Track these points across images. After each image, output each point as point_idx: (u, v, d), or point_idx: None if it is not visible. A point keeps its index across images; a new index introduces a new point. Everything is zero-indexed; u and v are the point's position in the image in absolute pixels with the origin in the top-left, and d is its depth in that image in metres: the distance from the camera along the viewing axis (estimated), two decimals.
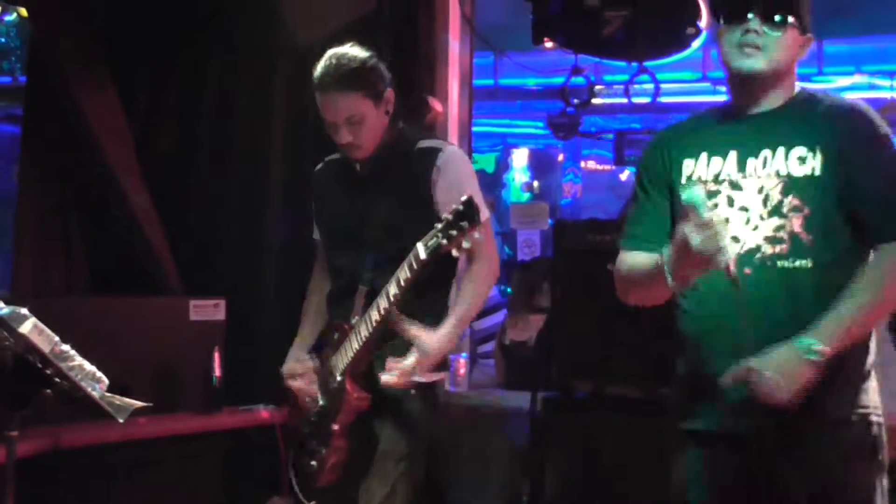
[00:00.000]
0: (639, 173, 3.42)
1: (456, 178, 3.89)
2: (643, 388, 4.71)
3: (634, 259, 3.30)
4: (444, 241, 3.40)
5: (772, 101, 3.16)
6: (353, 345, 3.81)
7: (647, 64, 6.21)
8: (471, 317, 3.96)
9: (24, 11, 7.36)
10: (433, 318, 3.85)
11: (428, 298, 3.87)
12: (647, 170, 3.37)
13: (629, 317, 3.95)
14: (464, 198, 3.40)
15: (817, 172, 3.04)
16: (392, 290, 3.63)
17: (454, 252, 3.46)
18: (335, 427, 3.89)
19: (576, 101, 7.32)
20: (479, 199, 3.85)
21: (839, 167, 3.04)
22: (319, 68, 3.88)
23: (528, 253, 9.92)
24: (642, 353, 4.68)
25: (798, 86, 3.22)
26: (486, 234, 3.85)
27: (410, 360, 3.73)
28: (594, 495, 4.94)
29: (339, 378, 3.87)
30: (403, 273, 3.57)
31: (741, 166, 3.13)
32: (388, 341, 3.81)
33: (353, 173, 4.01)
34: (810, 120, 3.12)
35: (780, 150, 3.09)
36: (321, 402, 3.99)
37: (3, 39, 9.20)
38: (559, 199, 12.27)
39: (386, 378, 3.75)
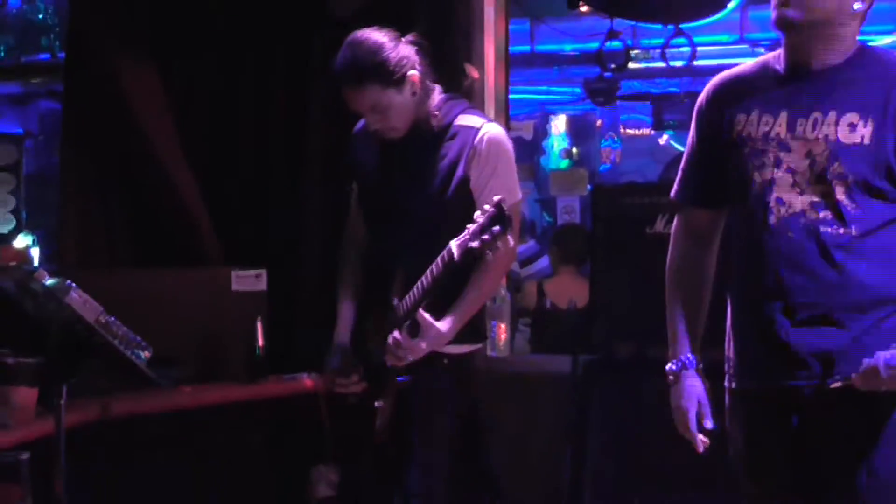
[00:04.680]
0: (694, 120, 3.33)
1: (490, 161, 3.88)
2: None
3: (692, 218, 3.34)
4: (476, 245, 3.43)
5: (826, 57, 3.04)
6: (393, 329, 3.84)
7: (683, 26, 6.18)
8: (474, 311, 3.96)
9: None
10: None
11: (450, 290, 3.88)
12: (701, 119, 3.30)
13: None
14: (496, 198, 3.42)
15: (866, 141, 2.96)
16: (425, 281, 3.67)
17: (488, 254, 3.50)
18: (379, 405, 3.94)
19: (613, 65, 7.31)
20: (513, 182, 3.91)
21: (892, 134, 2.95)
22: (337, 61, 3.88)
23: (567, 220, 9.94)
24: None
25: (858, 41, 3.09)
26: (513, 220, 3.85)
27: (412, 342, 3.78)
28: (638, 458, 4.96)
29: (381, 359, 3.91)
30: (437, 268, 3.61)
31: (791, 127, 3.04)
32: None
33: (393, 145, 4.01)
34: (866, 83, 3.01)
35: (832, 113, 2.99)
36: (365, 380, 4.04)
37: (40, 16, 9.24)
38: (598, 164, 12.23)
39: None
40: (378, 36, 3.87)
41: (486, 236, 3.42)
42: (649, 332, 4.88)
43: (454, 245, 3.51)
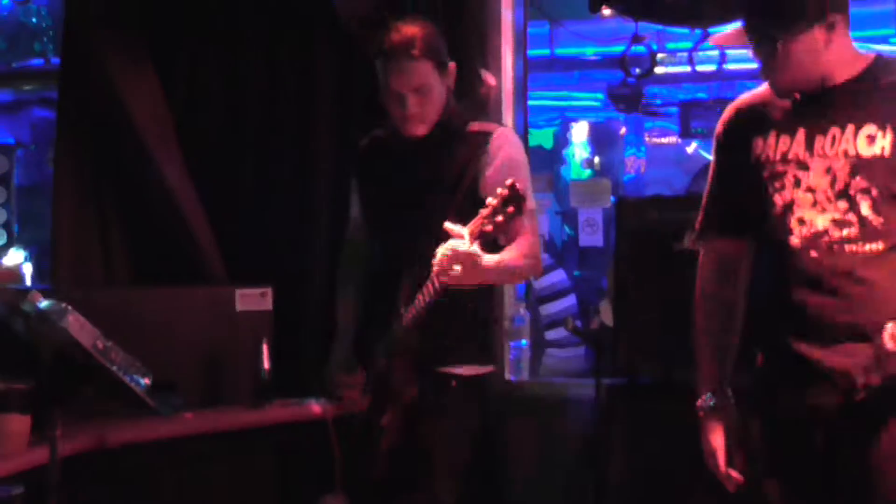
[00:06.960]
0: (713, 147, 3.47)
1: (504, 164, 3.93)
2: None
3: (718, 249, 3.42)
4: (489, 227, 3.41)
5: (837, 75, 3.14)
6: (402, 336, 3.83)
7: (711, 30, 6.17)
8: (509, 268, 3.88)
9: None
10: (475, 308, 3.89)
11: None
12: (720, 147, 3.44)
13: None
14: (508, 181, 3.42)
15: (887, 152, 3.03)
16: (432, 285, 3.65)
17: (501, 240, 3.49)
18: (384, 422, 3.93)
19: (637, 70, 7.30)
20: (528, 188, 3.89)
21: None
22: (390, 36, 3.94)
23: (589, 233, 9.91)
24: None
25: (872, 53, 3.19)
26: (529, 222, 3.85)
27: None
28: (662, 485, 4.95)
29: (387, 371, 3.90)
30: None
31: (809, 145, 3.14)
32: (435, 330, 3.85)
33: (403, 152, 4.04)
34: (881, 94, 3.10)
35: (850, 128, 3.08)
36: (371, 394, 4.03)
37: (33, 20, 9.23)
38: (622, 175, 12.19)
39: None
40: (427, 21, 4.03)
41: (498, 217, 3.41)
42: (676, 354, 4.89)
43: (466, 230, 3.49)
